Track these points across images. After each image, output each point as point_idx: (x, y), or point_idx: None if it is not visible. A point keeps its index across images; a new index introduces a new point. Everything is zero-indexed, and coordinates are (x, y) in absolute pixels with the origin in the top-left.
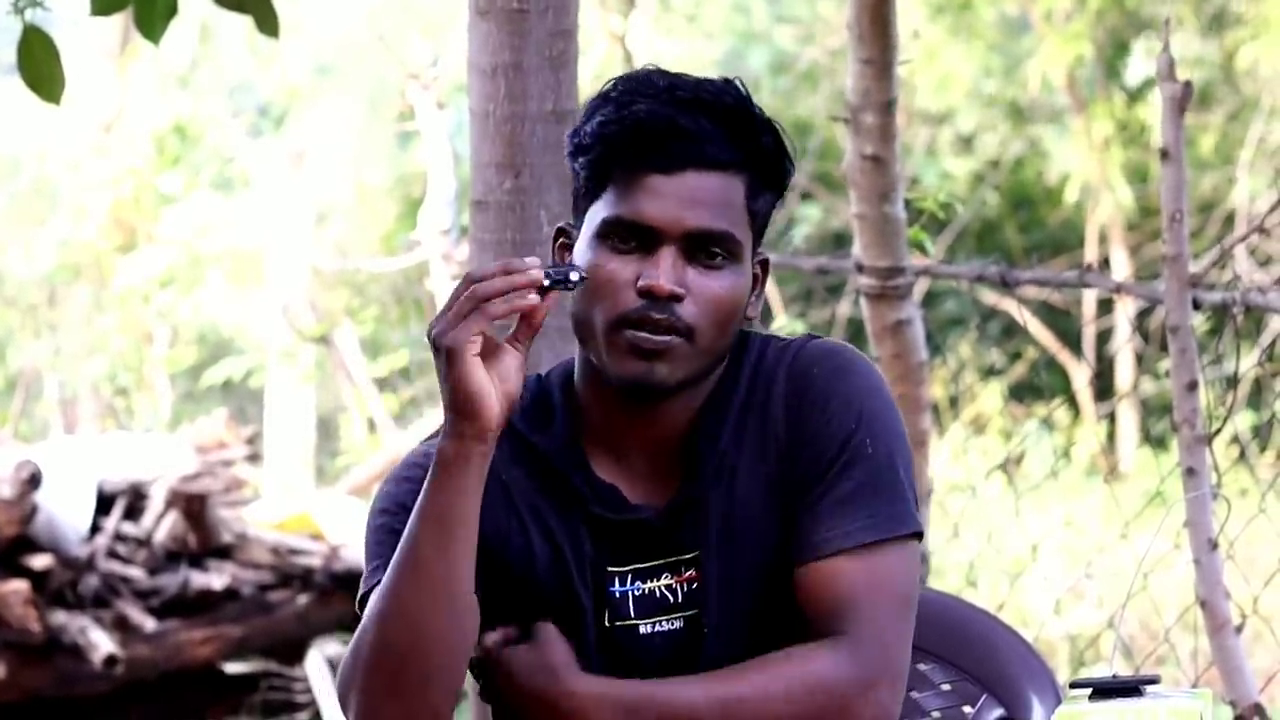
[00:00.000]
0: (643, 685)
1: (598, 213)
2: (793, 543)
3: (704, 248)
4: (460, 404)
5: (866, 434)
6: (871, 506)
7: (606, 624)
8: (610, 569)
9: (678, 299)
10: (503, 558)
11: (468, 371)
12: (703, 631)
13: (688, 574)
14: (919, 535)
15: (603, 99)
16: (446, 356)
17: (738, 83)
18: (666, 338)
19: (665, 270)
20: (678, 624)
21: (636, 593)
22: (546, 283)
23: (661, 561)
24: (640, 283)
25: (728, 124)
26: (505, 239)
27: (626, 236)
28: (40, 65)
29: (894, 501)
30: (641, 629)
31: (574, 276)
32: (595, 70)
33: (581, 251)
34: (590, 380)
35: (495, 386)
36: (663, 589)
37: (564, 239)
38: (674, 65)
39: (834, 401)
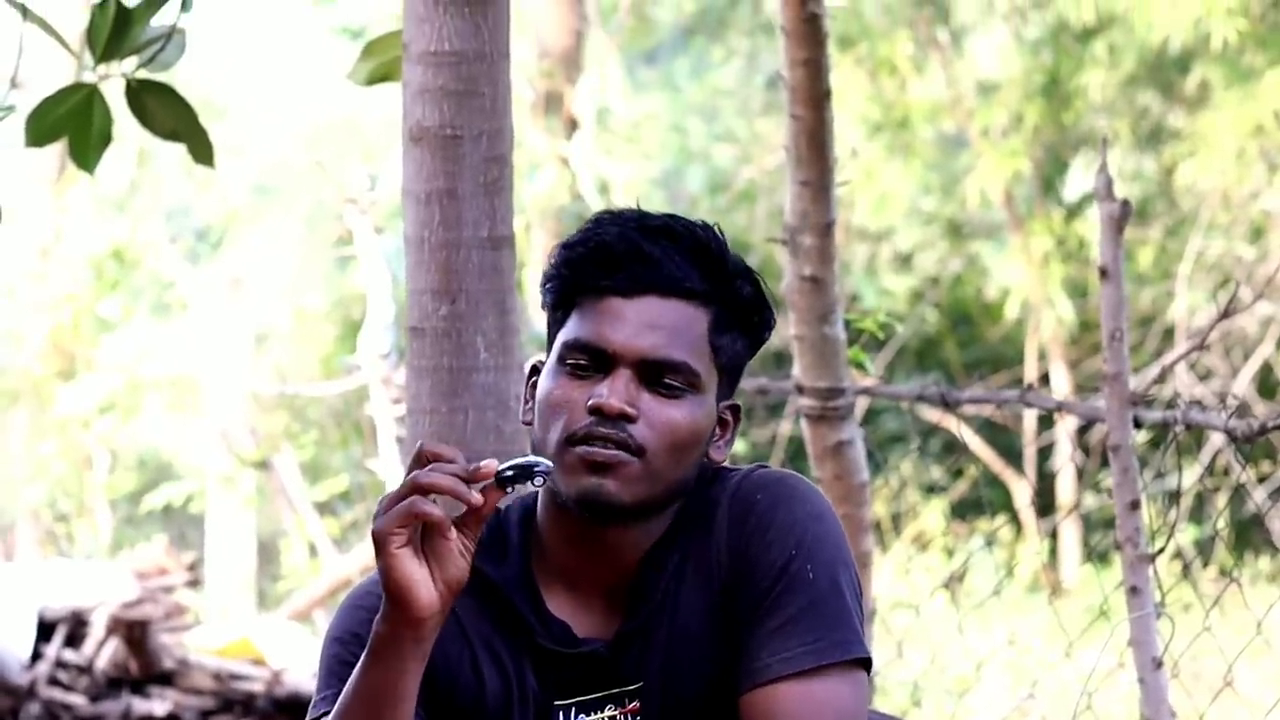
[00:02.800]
0: None
1: (560, 339)
2: (735, 672)
3: (660, 375)
4: (390, 592)
5: (807, 560)
6: (814, 632)
7: None
8: (555, 703)
9: (627, 418)
10: (452, 687)
11: (392, 564)
12: None
13: (631, 705)
14: (867, 663)
15: (579, 231)
16: (374, 545)
17: (715, 227)
18: (615, 452)
19: (616, 390)
20: None
21: None
22: (509, 478)
23: (605, 693)
24: (590, 401)
25: (695, 256)
26: (442, 365)
27: (585, 360)
28: None
29: (836, 628)
30: None
31: (537, 481)
32: (546, 191)
33: (544, 379)
34: (549, 509)
35: (433, 573)
36: None
37: (535, 376)
38: (613, 185)
39: (774, 529)
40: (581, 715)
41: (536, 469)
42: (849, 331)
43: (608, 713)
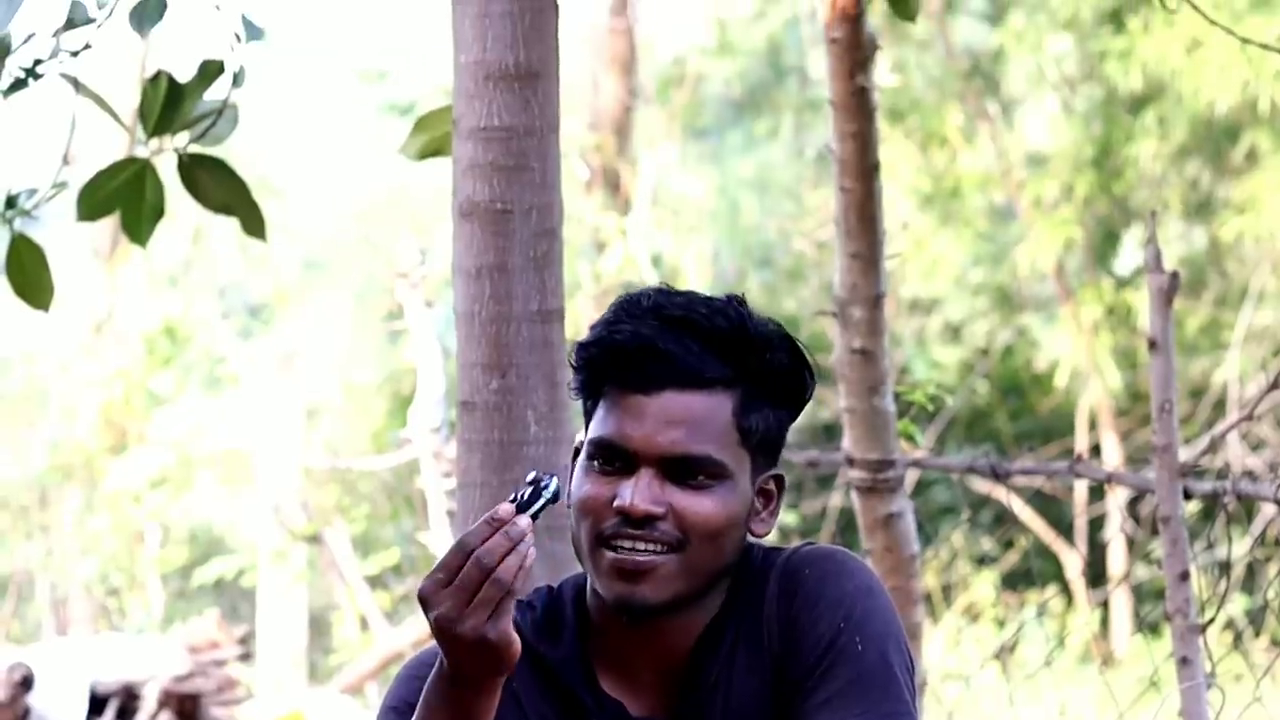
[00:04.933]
0: None
1: (588, 435)
2: None
3: (683, 470)
4: (496, 651)
5: (856, 633)
6: (862, 704)
7: None
8: None
9: (654, 518)
10: None
11: (510, 643)
12: None
13: None
14: None
15: (601, 321)
16: (497, 652)
17: (737, 299)
18: (648, 558)
19: (640, 490)
20: None
21: None
22: (527, 509)
23: None
24: (615, 503)
25: (714, 342)
26: (493, 439)
27: (609, 457)
28: (29, 273)
29: (884, 700)
30: None
31: (546, 495)
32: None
33: (575, 474)
34: (598, 602)
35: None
36: None
37: (579, 457)
38: (659, 261)
39: (822, 603)
40: None
41: (543, 486)
42: (899, 403)
43: None
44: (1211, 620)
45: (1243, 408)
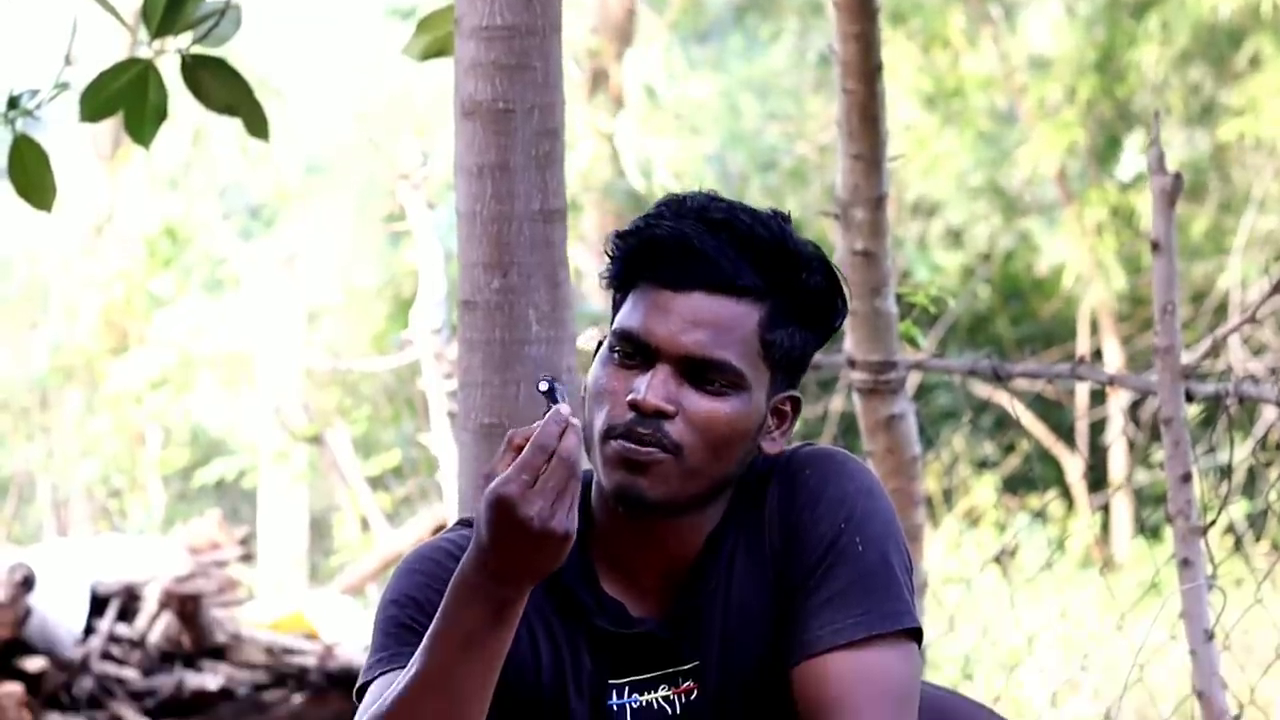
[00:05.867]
0: None
1: (613, 324)
2: (786, 646)
3: (702, 373)
4: (559, 542)
5: (856, 533)
6: (863, 604)
7: None
8: (610, 682)
9: (664, 415)
10: (510, 662)
11: (569, 540)
12: None
13: (685, 685)
14: (918, 635)
15: (643, 216)
16: (556, 539)
17: (782, 214)
18: (650, 450)
19: (655, 386)
20: None
21: (634, 705)
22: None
23: (660, 673)
24: (629, 395)
25: (752, 251)
26: (494, 338)
27: (630, 350)
28: (31, 174)
29: (886, 599)
30: None
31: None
32: (582, 168)
33: (595, 363)
34: (602, 502)
35: None
36: (660, 700)
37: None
38: (663, 164)
39: (823, 503)
40: (635, 695)
41: (557, 390)
42: (901, 306)
43: (662, 692)
44: (1213, 523)
45: (1244, 311)
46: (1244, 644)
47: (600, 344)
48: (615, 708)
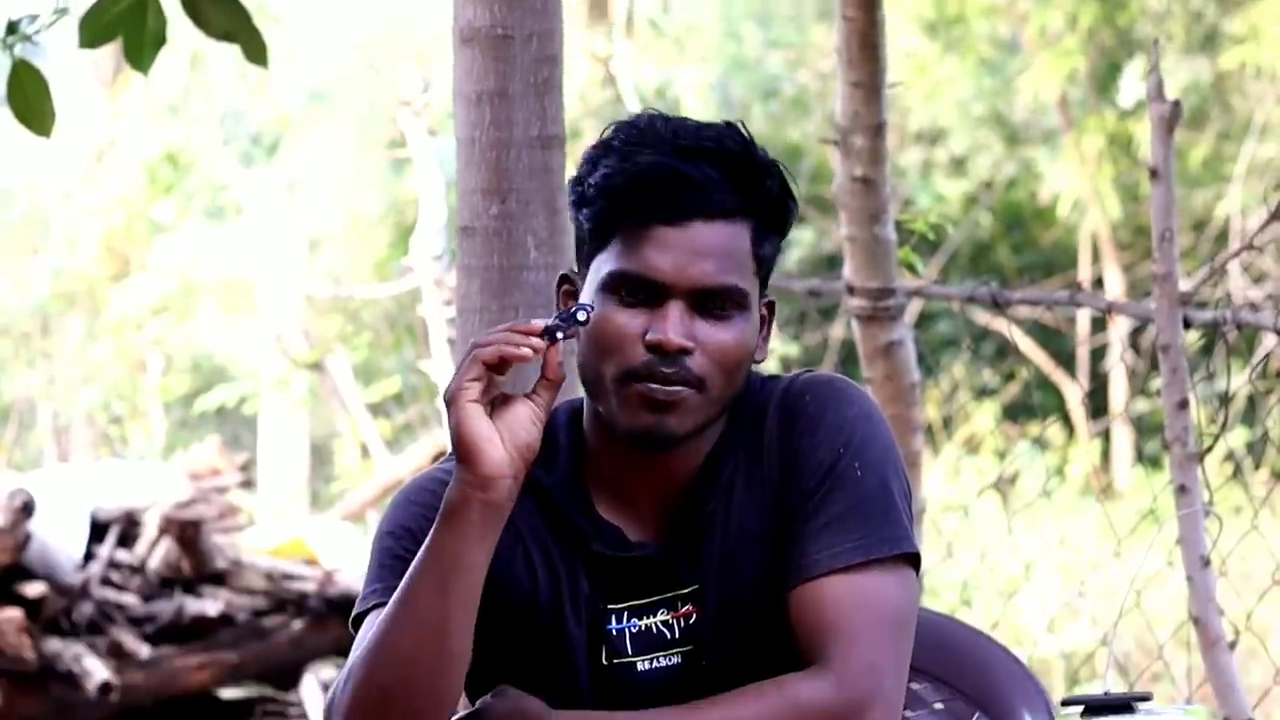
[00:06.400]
0: (619, 716)
1: (603, 264)
2: (784, 569)
3: (712, 302)
4: (461, 452)
5: (855, 459)
6: (861, 528)
7: (604, 662)
8: (608, 606)
9: (686, 352)
10: (505, 585)
11: (464, 419)
12: (701, 666)
13: (684, 609)
14: (916, 561)
15: (604, 148)
16: (447, 406)
17: (739, 126)
18: (677, 388)
19: (674, 324)
20: (675, 660)
21: (633, 629)
22: (553, 327)
23: (658, 598)
24: (649, 337)
25: (731, 171)
26: (492, 265)
27: (634, 289)
28: (30, 99)
29: (884, 525)
30: (639, 666)
31: (580, 316)
32: (578, 92)
33: (594, 306)
34: (597, 429)
35: (503, 436)
36: (659, 625)
37: (568, 285)
38: (664, 91)
39: (822, 429)
40: (634, 619)
41: (577, 313)
42: (900, 233)
43: (660, 617)
44: (1210, 449)
45: (1244, 239)
46: (1241, 571)
47: (563, 279)
48: (614, 632)
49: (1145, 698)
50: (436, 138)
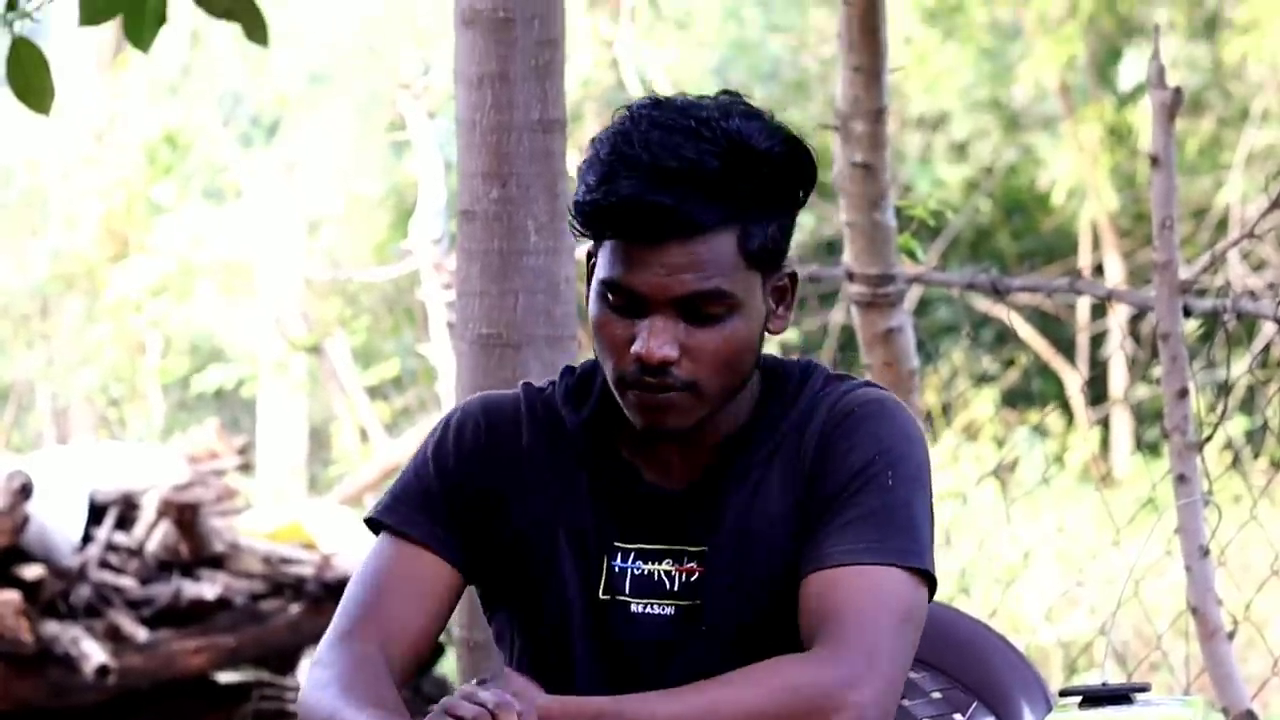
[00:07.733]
0: (609, 700)
1: (597, 266)
2: (800, 559)
3: (697, 308)
4: None
5: (889, 469)
6: (882, 533)
7: (601, 596)
8: (616, 544)
9: (670, 363)
10: (507, 517)
11: None
12: (693, 625)
13: (689, 565)
14: (931, 580)
15: (594, 159)
16: None
17: (724, 108)
18: (666, 395)
19: (656, 336)
20: (669, 610)
21: (636, 571)
22: None
23: (666, 547)
24: (633, 349)
25: (712, 181)
26: (492, 248)
27: (620, 297)
28: (30, 77)
29: (906, 537)
30: (633, 607)
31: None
32: (580, 76)
33: (591, 301)
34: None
35: None
36: (661, 573)
37: (593, 260)
38: (664, 74)
39: (862, 435)
40: (639, 562)
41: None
42: (900, 219)
43: (664, 566)
44: (1209, 438)
45: (1244, 227)
46: (1240, 561)
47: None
48: (617, 569)
49: (1143, 688)
50: (437, 120)
